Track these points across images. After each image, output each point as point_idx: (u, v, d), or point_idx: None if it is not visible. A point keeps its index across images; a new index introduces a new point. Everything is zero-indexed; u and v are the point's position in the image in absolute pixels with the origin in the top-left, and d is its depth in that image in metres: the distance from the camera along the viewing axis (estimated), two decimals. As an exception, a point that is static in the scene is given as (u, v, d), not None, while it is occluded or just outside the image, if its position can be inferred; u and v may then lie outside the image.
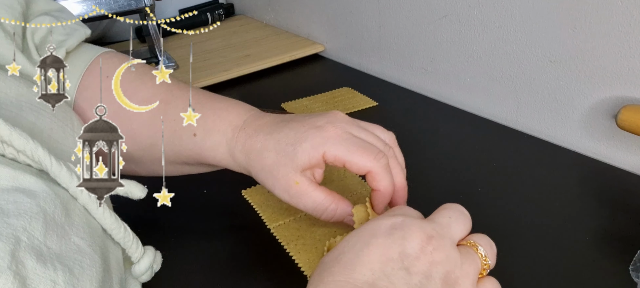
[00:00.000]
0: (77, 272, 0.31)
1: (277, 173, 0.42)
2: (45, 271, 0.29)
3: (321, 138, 0.41)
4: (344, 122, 0.43)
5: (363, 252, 0.31)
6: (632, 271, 0.41)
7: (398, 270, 0.30)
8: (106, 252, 0.35)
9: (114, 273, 0.36)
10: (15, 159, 0.34)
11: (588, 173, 0.59)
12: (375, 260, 0.31)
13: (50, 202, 0.32)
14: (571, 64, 0.60)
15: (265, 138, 0.43)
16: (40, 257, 0.29)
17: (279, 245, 0.48)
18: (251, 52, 0.97)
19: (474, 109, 0.73)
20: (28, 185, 0.32)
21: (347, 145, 0.41)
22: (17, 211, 0.30)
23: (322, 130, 0.42)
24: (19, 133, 0.33)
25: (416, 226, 0.32)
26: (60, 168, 0.34)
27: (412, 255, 0.31)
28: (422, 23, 0.77)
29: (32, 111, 0.38)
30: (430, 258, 0.31)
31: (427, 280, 0.30)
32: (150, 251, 0.39)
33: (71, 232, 0.32)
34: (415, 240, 0.31)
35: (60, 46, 0.46)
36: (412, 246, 0.31)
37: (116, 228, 0.36)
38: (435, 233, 0.32)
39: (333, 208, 0.42)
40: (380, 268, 0.30)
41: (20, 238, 0.29)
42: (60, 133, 0.40)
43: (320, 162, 0.41)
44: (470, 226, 0.35)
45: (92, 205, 0.35)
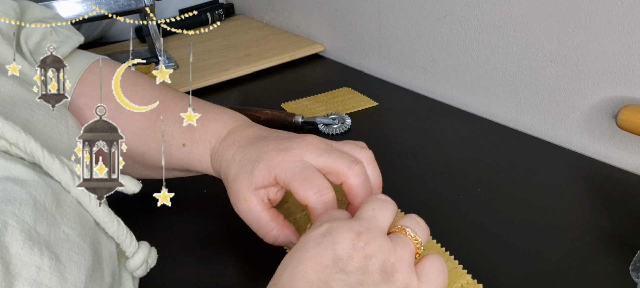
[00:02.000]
0: (64, 260, 0.30)
1: (233, 185, 0.43)
2: (31, 256, 0.29)
3: (276, 162, 0.41)
4: (307, 148, 0.42)
5: (297, 268, 0.31)
6: (632, 271, 0.41)
7: (335, 274, 0.31)
8: (98, 244, 0.35)
9: (106, 265, 0.36)
10: (8, 152, 0.34)
11: (588, 173, 0.59)
12: (310, 271, 0.31)
13: (40, 191, 0.32)
14: (571, 64, 0.60)
15: (236, 151, 0.44)
16: (28, 240, 0.29)
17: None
18: (251, 52, 0.97)
19: (474, 109, 0.73)
20: (19, 175, 0.32)
21: (294, 173, 0.41)
22: (6, 198, 0.30)
23: (281, 153, 0.42)
24: (11, 126, 0.33)
25: (344, 227, 0.33)
26: (52, 160, 0.34)
27: (345, 256, 0.32)
28: (422, 23, 0.77)
29: (26, 107, 0.38)
30: (363, 254, 0.32)
31: (365, 275, 0.31)
32: (144, 246, 0.39)
33: (61, 221, 0.32)
34: (345, 241, 0.32)
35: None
36: (343, 248, 0.32)
37: (109, 221, 0.36)
38: (363, 229, 0.33)
39: (275, 233, 0.43)
40: (317, 278, 0.31)
41: (8, 221, 0.29)
42: (54, 130, 0.40)
43: (273, 183, 0.42)
44: (395, 211, 0.36)
45: (84, 198, 0.35)
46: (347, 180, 0.42)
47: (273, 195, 0.43)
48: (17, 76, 0.41)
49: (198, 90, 0.84)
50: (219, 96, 0.83)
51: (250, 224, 0.44)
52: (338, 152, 0.43)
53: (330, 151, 0.43)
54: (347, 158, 0.42)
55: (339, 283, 0.30)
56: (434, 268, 0.34)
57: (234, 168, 0.43)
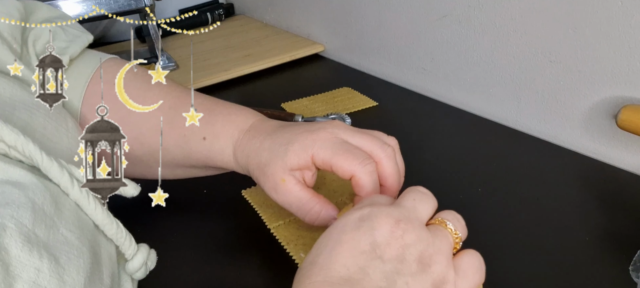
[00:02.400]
0: (63, 262, 0.30)
1: (267, 170, 0.43)
2: (30, 258, 0.29)
3: (311, 141, 0.42)
4: (338, 128, 0.43)
5: (335, 251, 0.31)
6: (632, 271, 0.42)
7: (372, 260, 0.31)
8: (97, 247, 0.35)
9: (105, 267, 0.36)
10: (7, 155, 0.33)
11: (588, 173, 0.59)
12: (347, 255, 0.31)
13: (39, 194, 0.32)
14: (571, 64, 0.60)
15: (263, 138, 0.44)
16: (26, 242, 0.29)
17: (279, 245, 0.48)
18: (251, 52, 0.96)
19: (474, 109, 0.73)
20: (17, 178, 0.32)
21: (333, 148, 0.42)
22: (5, 201, 0.30)
23: (313, 133, 0.43)
24: (10, 129, 0.33)
25: (383, 214, 0.33)
26: (51, 164, 0.33)
27: (383, 243, 0.31)
28: (422, 23, 0.77)
29: (26, 110, 0.38)
30: (401, 242, 0.31)
31: (402, 264, 0.31)
32: (144, 248, 0.39)
33: (60, 224, 0.32)
34: (384, 227, 0.32)
35: (63, 52, 0.46)
36: (381, 234, 0.32)
37: (108, 224, 0.36)
38: (403, 217, 0.33)
39: (317, 210, 0.43)
40: (354, 263, 0.30)
41: (7, 224, 0.29)
42: (54, 132, 0.40)
43: (309, 164, 0.42)
44: (435, 206, 0.36)
45: (83, 201, 0.35)
46: (380, 161, 0.42)
47: (309, 178, 0.43)
48: (19, 77, 0.41)
49: (198, 90, 0.83)
50: (219, 96, 0.82)
51: (291, 205, 0.43)
52: (369, 134, 0.44)
53: (362, 132, 0.44)
54: (378, 140, 0.43)
55: (375, 271, 0.30)
56: (472, 263, 0.34)
57: (265, 154, 0.43)
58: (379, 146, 0.43)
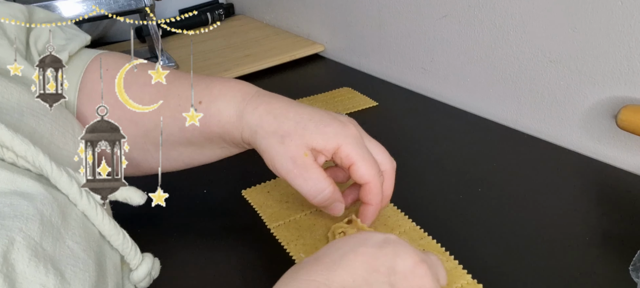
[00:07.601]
0: (68, 276, 0.31)
1: (289, 141, 0.42)
2: (36, 274, 0.29)
3: (343, 132, 0.42)
4: (358, 128, 0.44)
5: (348, 256, 0.31)
6: (632, 271, 0.42)
7: (382, 284, 0.31)
8: (102, 257, 0.35)
9: (110, 278, 0.36)
10: (15, 163, 0.34)
11: (588, 173, 0.59)
12: (359, 266, 0.31)
13: (47, 205, 0.32)
14: (571, 64, 0.60)
15: (287, 107, 0.43)
16: (33, 257, 0.29)
17: (279, 245, 0.48)
18: (251, 52, 0.97)
19: (474, 109, 0.73)
20: (26, 188, 0.32)
21: (362, 150, 0.42)
22: (14, 213, 0.30)
23: (344, 126, 0.43)
24: (20, 139, 0.33)
25: (410, 248, 0.33)
26: (60, 174, 0.34)
27: (400, 273, 0.31)
28: (422, 23, 0.77)
29: (33, 116, 0.38)
30: (418, 282, 0.31)
31: None
32: (148, 258, 0.39)
33: (66, 236, 0.32)
34: (408, 260, 0.32)
35: (62, 49, 0.46)
36: (404, 265, 0.32)
37: (115, 235, 0.36)
38: (428, 262, 0.33)
39: (329, 192, 0.43)
40: (363, 276, 0.30)
41: (15, 238, 0.29)
42: (61, 138, 0.40)
43: (330, 151, 0.42)
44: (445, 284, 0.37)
45: (91, 211, 0.35)
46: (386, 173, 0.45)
47: (320, 163, 0.43)
48: (19, 77, 0.41)
49: (198, 90, 0.84)
50: (219, 96, 0.83)
51: (306, 181, 0.42)
52: (380, 145, 0.45)
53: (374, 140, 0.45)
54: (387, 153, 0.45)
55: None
56: None
57: (289, 124, 0.42)
58: (388, 160, 0.44)
